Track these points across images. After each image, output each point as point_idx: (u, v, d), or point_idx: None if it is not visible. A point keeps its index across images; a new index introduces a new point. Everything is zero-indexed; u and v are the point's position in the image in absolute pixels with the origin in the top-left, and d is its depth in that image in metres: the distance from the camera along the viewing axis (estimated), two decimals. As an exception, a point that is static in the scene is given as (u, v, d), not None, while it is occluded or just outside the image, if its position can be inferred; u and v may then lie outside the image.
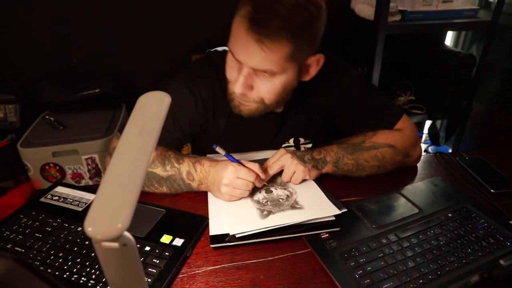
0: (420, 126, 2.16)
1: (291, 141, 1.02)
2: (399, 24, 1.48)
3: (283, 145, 1.02)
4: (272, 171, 0.84)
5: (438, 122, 2.08)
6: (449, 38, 1.98)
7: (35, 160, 1.50)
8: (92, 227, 0.33)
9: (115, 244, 0.34)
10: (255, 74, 0.77)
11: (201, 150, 1.00)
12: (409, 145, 0.92)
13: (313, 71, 0.84)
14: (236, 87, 0.78)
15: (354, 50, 1.81)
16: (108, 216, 0.34)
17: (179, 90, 0.90)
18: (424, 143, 2.12)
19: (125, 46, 1.73)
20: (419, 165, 0.99)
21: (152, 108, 0.44)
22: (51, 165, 1.52)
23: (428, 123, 2.07)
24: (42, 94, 1.70)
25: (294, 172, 0.83)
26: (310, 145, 1.04)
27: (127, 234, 0.34)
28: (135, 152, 0.38)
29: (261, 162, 0.86)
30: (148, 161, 0.38)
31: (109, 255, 0.35)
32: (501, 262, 0.33)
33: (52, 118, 1.63)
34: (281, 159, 0.84)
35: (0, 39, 1.63)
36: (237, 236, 0.70)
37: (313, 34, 0.77)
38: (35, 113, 1.73)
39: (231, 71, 0.81)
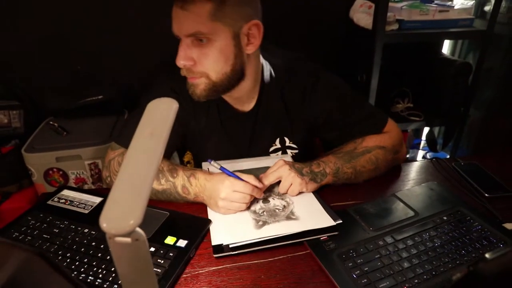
0: (418, 133, 2.19)
1: (277, 142, 1.03)
2: (396, 33, 1.51)
3: (271, 149, 1.03)
4: (268, 181, 0.85)
5: (436, 129, 2.11)
6: (446, 47, 2.01)
7: (39, 165, 1.53)
8: (106, 223, 0.35)
9: (127, 239, 0.36)
10: (193, 44, 0.80)
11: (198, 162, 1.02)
12: (397, 143, 0.97)
13: (256, 40, 0.85)
14: (177, 60, 0.81)
15: (353, 58, 1.84)
16: (121, 213, 0.37)
17: (162, 91, 0.93)
18: (422, 149, 2.15)
19: (127, 54, 1.76)
20: (415, 170, 1.02)
21: (161, 114, 0.47)
22: (55, 170, 1.54)
23: (426, 129, 2.10)
24: (46, 100, 1.74)
25: (291, 184, 0.84)
26: (297, 151, 1.04)
27: (139, 229, 0.37)
28: (146, 154, 0.41)
29: (255, 171, 0.87)
30: (159, 162, 0.41)
31: (121, 249, 0.38)
32: (487, 255, 0.35)
33: (56, 124, 1.66)
34: (279, 170, 0.85)
35: (4, 46, 1.66)
36: (230, 246, 0.72)
37: None
38: (39, 119, 1.76)
39: None
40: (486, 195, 0.88)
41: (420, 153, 2.14)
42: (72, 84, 1.78)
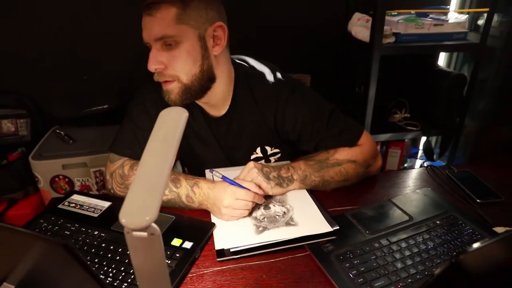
0: (416, 142, 2.23)
1: (258, 151, 1.06)
2: (393, 45, 1.56)
3: (252, 156, 1.06)
4: (245, 184, 0.88)
5: (434, 139, 2.16)
6: (443, 59, 2.07)
7: (45, 172, 1.57)
8: (125, 218, 0.39)
9: (144, 234, 0.40)
10: (162, 49, 0.85)
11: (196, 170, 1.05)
12: (369, 157, 0.99)
13: (222, 42, 0.89)
14: (149, 65, 0.85)
15: (352, 69, 1.90)
16: (138, 210, 0.41)
17: (147, 91, 1.00)
18: (420, 159, 2.19)
19: (132, 65, 1.80)
20: (411, 177, 1.06)
21: (172, 121, 0.51)
22: (61, 177, 1.58)
23: (423, 139, 2.15)
24: (52, 109, 1.79)
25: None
26: (279, 155, 1.08)
27: (154, 225, 0.41)
28: (160, 157, 0.45)
29: None
30: (171, 164, 0.45)
31: (138, 243, 0.41)
32: (467, 248, 0.39)
33: (62, 132, 1.71)
34: (250, 174, 0.89)
35: (12, 56, 1.71)
36: (231, 250, 0.76)
37: (200, 0, 0.84)
38: (45, 127, 1.81)
39: None
40: (477, 200, 0.92)
41: (418, 162, 2.18)
42: (78, 93, 1.83)
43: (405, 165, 2.10)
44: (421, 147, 2.19)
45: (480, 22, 1.72)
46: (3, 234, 0.49)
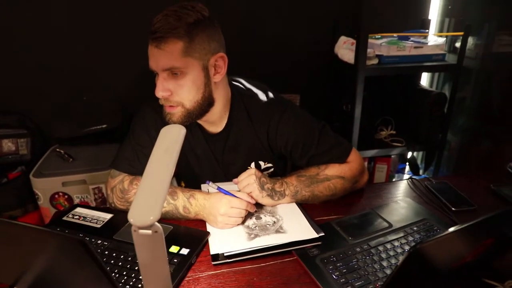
0: (403, 158, 2.32)
1: (252, 165, 1.13)
2: (376, 67, 1.67)
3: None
4: (241, 186, 0.98)
5: (420, 154, 2.25)
6: (425, 78, 2.19)
7: (45, 189, 1.62)
8: (133, 218, 0.46)
9: (148, 231, 0.47)
10: (168, 77, 0.91)
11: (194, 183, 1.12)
12: (357, 174, 1.06)
13: (222, 70, 0.96)
14: (157, 92, 0.92)
15: (339, 89, 2.00)
16: (144, 211, 0.48)
17: (148, 112, 1.06)
18: (407, 173, 2.27)
19: (130, 85, 1.89)
20: (394, 188, 1.14)
21: (172, 136, 0.59)
22: (60, 194, 1.64)
23: (410, 155, 2.24)
24: (53, 129, 1.85)
25: (251, 192, 0.97)
26: (272, 169, 1.15)
27: (157, 224, 0.48)
28: (162, 167, 0.53)
29: None
30: (172, 172, 0.52)
31: (143, 240, 0.48)
32: (425, 239, 0.46)
33: (62, 151, 1.77)
34: (248, 178, 0.97)
35: (13, 76, 1.79)
36: (225, 254, 0.82)
37: (204, 34, 0.90)
38: (45, 146, 1.87)
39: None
40: (453, 209, 1.00)
41: (405, 177, 2.26)
42: (78, 113, 1.90)
43: (393, 180, 2.18)
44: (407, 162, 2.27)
45: (458, 44, 1.83)
46: (17, 231, 0.54)
